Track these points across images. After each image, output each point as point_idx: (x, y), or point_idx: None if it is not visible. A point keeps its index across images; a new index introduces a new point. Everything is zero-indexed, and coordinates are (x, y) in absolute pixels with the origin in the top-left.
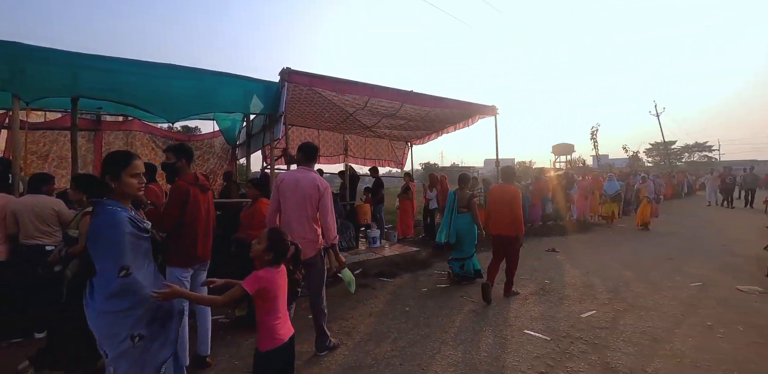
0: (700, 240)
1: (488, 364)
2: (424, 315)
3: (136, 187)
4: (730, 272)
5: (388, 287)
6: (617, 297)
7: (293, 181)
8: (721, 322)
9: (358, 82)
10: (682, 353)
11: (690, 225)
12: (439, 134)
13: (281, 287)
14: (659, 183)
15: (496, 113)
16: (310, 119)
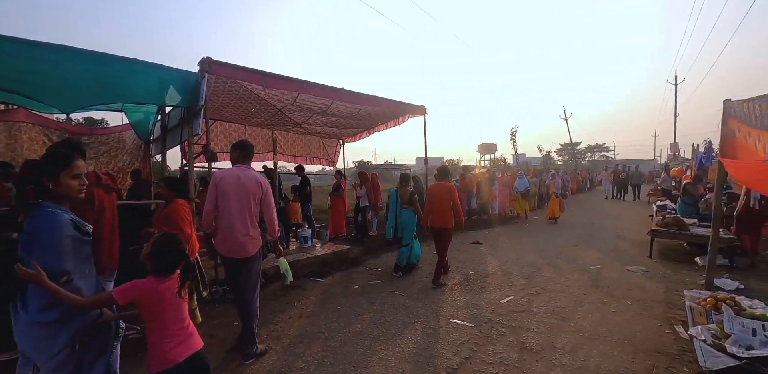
0: (598, 228)
1: (417, 355)
2: (355, 312)
3: (77, 189)
4: (621, 255)
5: (320, 287)
6: (531, 282)
7: (234, 178)
8: (614, 299)
9: (287, 77)
10: (584, 328)
11: (591, 216)
12: (370, 132)
13: (167, 301)
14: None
15: (425, 113)
16: (236, 114)
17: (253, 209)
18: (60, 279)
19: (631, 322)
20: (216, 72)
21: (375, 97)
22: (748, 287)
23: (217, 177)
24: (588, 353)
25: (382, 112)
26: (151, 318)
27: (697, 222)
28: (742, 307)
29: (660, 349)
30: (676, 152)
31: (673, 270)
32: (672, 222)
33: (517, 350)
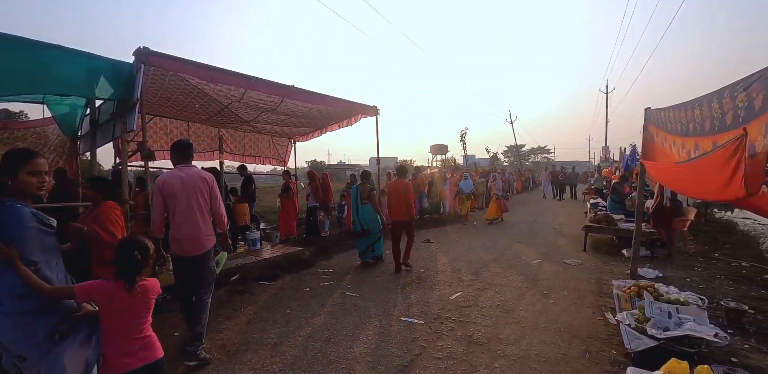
0: (540, 225)
1: (369, 355)
2: (306, 315)
3: (35, 186)
4: (560, 249)
5: (269, 291)
6: (478, 278)
7: (177, 179)
8: (552, 290)
9: (233, 72)
10: (526, 319)
11: (533, 214)
12: (322, 131)
13: (123, 307)
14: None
15: (377, 113)
16: (177, 109)
17: (203, 206)
18: (29, 267)
19: (568, 311)
20: (154, 63)
21: (327, 96)
22: (666, 275)
23: (159, 182)
24: (529, 342)
25: (334, 112)
26: (106, 322)
27: (624, 218)
28: (660, 293)
29: (592, 335)
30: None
31: (604, 262)
32: (602, 219)
33: (464, 344)
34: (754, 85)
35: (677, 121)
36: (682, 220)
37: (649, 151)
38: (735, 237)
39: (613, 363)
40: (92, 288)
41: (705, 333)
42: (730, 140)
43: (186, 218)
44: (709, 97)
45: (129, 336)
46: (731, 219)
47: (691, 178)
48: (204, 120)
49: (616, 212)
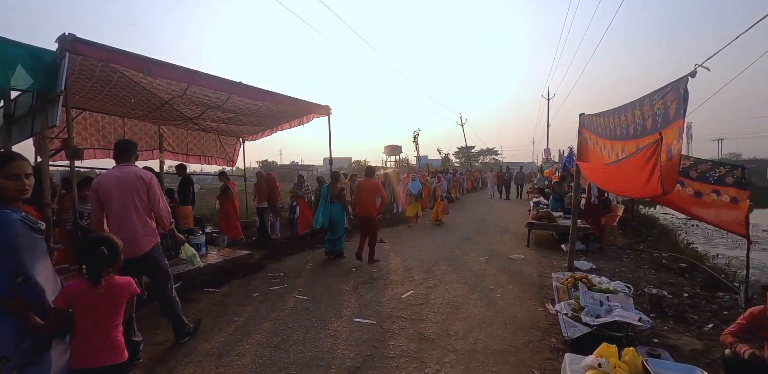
0: (488, 223)
1: (320, 359)
2: (254, 322)
3: (14, 190)
4: (506, 246)
5: (214, 298)
6: (430, 276)
7: (113, 179)
8: (499, 285)
9: (174, 65)
10: (474, 314)
11: (482, 212)
12: (273, 130)
13: (84, 303)
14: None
15: (330, 113)
16: (111, 104)
17: (140, 205)
18: (17, 279)
19: (512, 304)
20: (82, 52)
21: (277, 94)
22: (599, 266)
23: (95, 183)
24: (477, 336)
25: (285, 111)
26: (77, 319)
27: (563, 215)
28: (593, 283)
29: (534, 325)
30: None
31: (545, 257)
32: (544, 216)
33: (416, 341)
34: (668, 94)
35: (606, 125)
36: (612, 216)
37: (584, 152)
38: (657, 230)
39: (553, 351)
40: (64, 293)
41: (631, 318)
42: (648, 144)
43: (121, 219)
44: (633, 104)
45: (97, 335)
46: (654, 215)
47: (618, 177)
48: (142, 116)
49: (556, 210)
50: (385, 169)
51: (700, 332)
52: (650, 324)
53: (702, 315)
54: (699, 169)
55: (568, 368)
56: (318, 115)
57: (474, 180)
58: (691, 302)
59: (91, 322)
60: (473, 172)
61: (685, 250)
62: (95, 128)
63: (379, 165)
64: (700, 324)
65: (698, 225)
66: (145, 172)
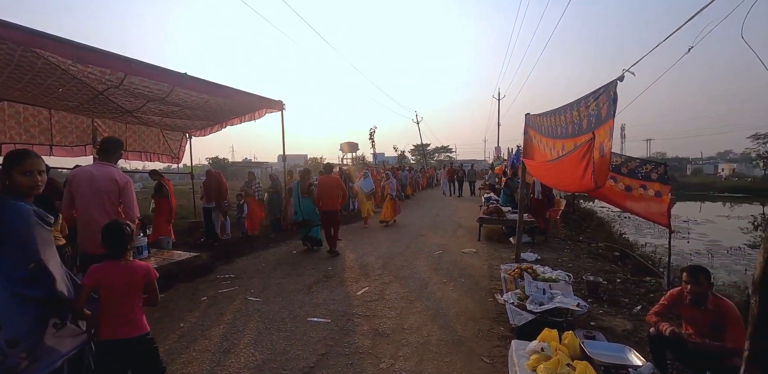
0: (442, 219)
1: (272, 361)
2: (202, 327)
3: (27, 185)
4: (458, 240)
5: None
6: (385, 272)
7: (86, 175)
8: (451, 278)
9: (109, 52)
10: (429, 307)
11: (436, 208)
12: (222, 126)
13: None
14: (419, 176)
15: (283, 108)
16: (34, 93)
17: (108, 208)
18: (29, 265)
19: (464, 296)
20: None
21: (226, 88)
22: (543, 257)
23: (70, 175)
24: (430, 329)
25: (235, 105)
26: (102, 298)
27: (511, 210)
28: (537, 273)
29: (484, 315)
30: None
31: (496, 249)
32: (494, 211)
33: (371, 337)
34: (601, 96)
35: (549, 125)
36: (555, 210)
37: (529, 150)
38: (594, 223)
39: (501, 338)
40: (91, 274)
41: (570, 304)
42: (583, 142)
43: (85, 216)
44: (572, 105)
45: (121, 310)
46: (592, 209)
47: (558, 173)
48: (72, 108)
49: (505, 205)
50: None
51: (630, 314)
52: (587, 309)
53: (632, 298)
54: (629, 165)
55: (514, 353)
56: (271, 110)
57: (429, 177)
58: (622, 287)
59: (115, 300)
60: (428, 169)
61: (619, 240)
62: (15, 120)
63: (336, 162)
64: (630, 307)
65: (629, 218)
66: (123, 175)
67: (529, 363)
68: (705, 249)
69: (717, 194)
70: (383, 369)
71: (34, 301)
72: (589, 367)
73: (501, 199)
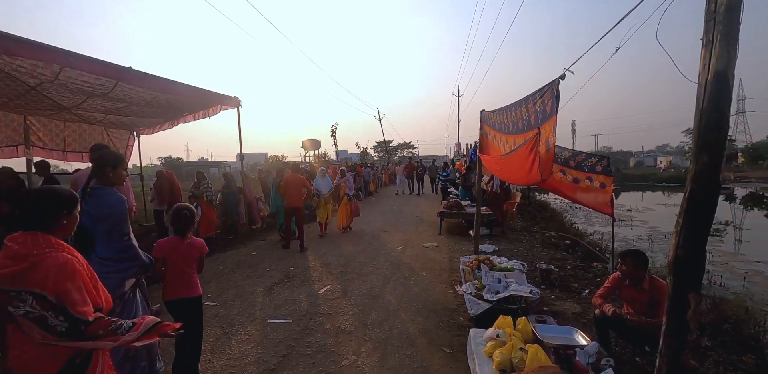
0: (404, 214)
1: (231, 366)
2: None
3: (122, 179)
4: (420, 235)
5: None
6: (347, 269)
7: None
8: (413, 273)
9: (41, 44)
10: (390, 302)
11: (398, 204)
12: (173, 123)
13: (171, 256)
14: (381, 172)
15: (239, 105)
16: None
17: None
18: (124, 238)
19: (426, 290)
20: None
21: (176, 83)
22: (500, 248)
23: (73, 179)
24: (392, 323)
25: (186, 102)
26: (167, 267)
27: (470, 204)
28: (494, 264)
29: (445, 307)
30: (459, 150)
31: (456, 242)
32: (453, 205)
33: (333, 335)
34: (545, 94)
35: (502, 121)
36: (511, 203)
37: (484, 146)
38: (548, 213)
39: (460, 328)
40: (159, 247)
41: (523, 292)
42: (530, 138)
43: None
44: (521, 102)
45: (179, 278)
46: (546, 200)
47: (509, 167)
48: (1, 104)
49: (465, 199)
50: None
51: (579, 298)
52: (539, 295)
53: (581, 283)
54: (576, 159)
55: (472, 341)
56: (226, 107)
57: (392, 173)
58: (573, 273)
59: (177, 268)
60: (393, 166)
61: (570, 229)
62: None
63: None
64: (579, 291)
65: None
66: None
67: (486, 349)
68: (646, 235)
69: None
70: (346, 366)
71: (123, 269)
72: (540, 350)
73: (460, 194)
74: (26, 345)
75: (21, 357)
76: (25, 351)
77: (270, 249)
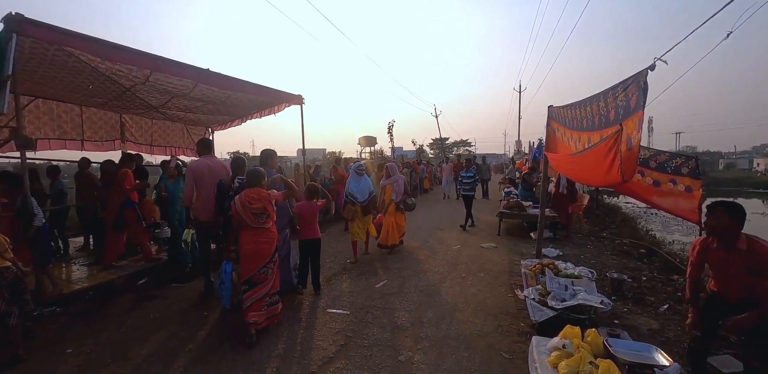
0: (460, 212)
1: (293, 350)
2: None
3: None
4: (478, 235)
5: (182, 293)
6: (403, 265)
7: (205, 166)
8: (470, 273)
9: (136, 50)
10: (446, 301)
11: (454, 202)
12: (243, 120)
13: (307, 212)
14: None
15: (302, 102)
16: (66, 91)
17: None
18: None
19: (483, 291)
20: (31, 34)
21: (247, 83)
22: (565, 253)
23: (192, 165)
24: (449, 323)
25: (255, 100)
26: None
27: (532, 204)
28: (559, 269)
29: (504, 310)
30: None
31: (515, 244)
32: (514, 205)
33: (389, 330)
34: (630, 87)
35: (574, 117)
36: (578, 205)
37: (551, 144)
38: (619, 218)
39: (521, 334)
40: (299, 208)
41: (593, 301)
42: (610, 134)
43: (208, 196)
44: (598, 96)
45: (308, 226)
46: (617, 204)
47: (582, 167)
48: (101, 104)
49: (526, 199)
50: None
51: (656, 313)
52: (611, 307)
53: (658, 297)
54: (658, 159)
55: (534, 350)
56: (290, 104)
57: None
58: (648, 285)
59: (307, 220)
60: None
61: (645, 237)
62: (49, 117)
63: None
64: (656, 306)
65: (656, 214)
66: (226, 163)
67: (550, 359)
68: None
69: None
70: (402, 361)
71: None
72: (613, 365)
73: (520, 194)
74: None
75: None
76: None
77: (328, 241)
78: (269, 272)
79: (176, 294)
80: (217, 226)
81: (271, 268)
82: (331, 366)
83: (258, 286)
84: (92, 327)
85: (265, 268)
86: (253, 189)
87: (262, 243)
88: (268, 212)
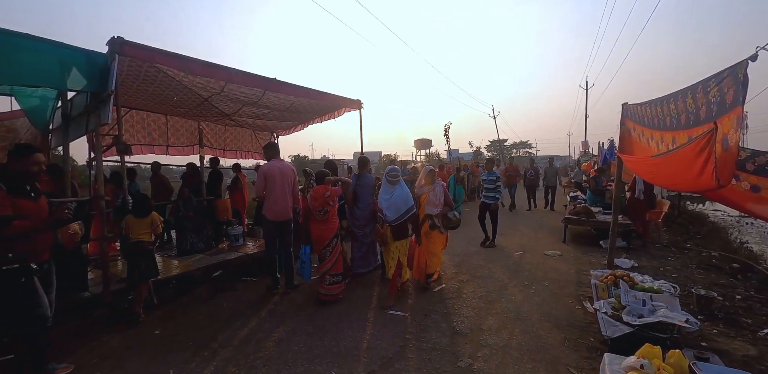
0: (521, 218)
1: (353, 348)
2: (290, 310)
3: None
4: (540, 241)
5: (252, 287)
6: (461, 270)
7: (276, 168)
8: (534, 281)
9: (212, 64)
10: (508, 309)
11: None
12: (305, 125)
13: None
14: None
15: (361, 107)
16: (155, 102)
17: (291, 187)
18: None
19: (548, 301)
20: (129, 54)
21: (309, 89)
22: (641, 264)
23: (264, 168)
24: (511, 332)
25: (317, 105)
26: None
27: (602, 210)
28: (635, 282)
29: (571, 323)
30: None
31: (583, 253)
32: (581, 211)
33: (449, 335)
34: (725, 80)
35: (654, 115)
36: (656, 212)
37: (626, 144)
38: (706, 228)
39: (591, 350)
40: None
41: (677, 320)
42: (701, 134)
43: (279, 195)
44: (684, 91)
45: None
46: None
47: (666, 170)
48: (183, 113)
49: (594, 205)
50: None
51: (754, 337)
52: (698, 327)
53: (757, 319)
54: (757, 161)
55: (607, 368)
56: (349, 109)
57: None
58: (744, 305)
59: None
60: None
61: (738, 250)
62: (141, 125)
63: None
64: (754, 329)
65: (753, 223)
66: (292, 166)
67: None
68: None
69: None
70: (461, 368)
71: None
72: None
73: (588, 199)
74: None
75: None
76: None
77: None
78: (328, 253)
79: (246, 287)
80: (288, 224)
81: (329, 251)
82: (390, 367)
83: (325, 261)
84: (174, 312)
85: (326, 248)
86: (321, 186)
87: (325, 230)
88: (327, 209)
